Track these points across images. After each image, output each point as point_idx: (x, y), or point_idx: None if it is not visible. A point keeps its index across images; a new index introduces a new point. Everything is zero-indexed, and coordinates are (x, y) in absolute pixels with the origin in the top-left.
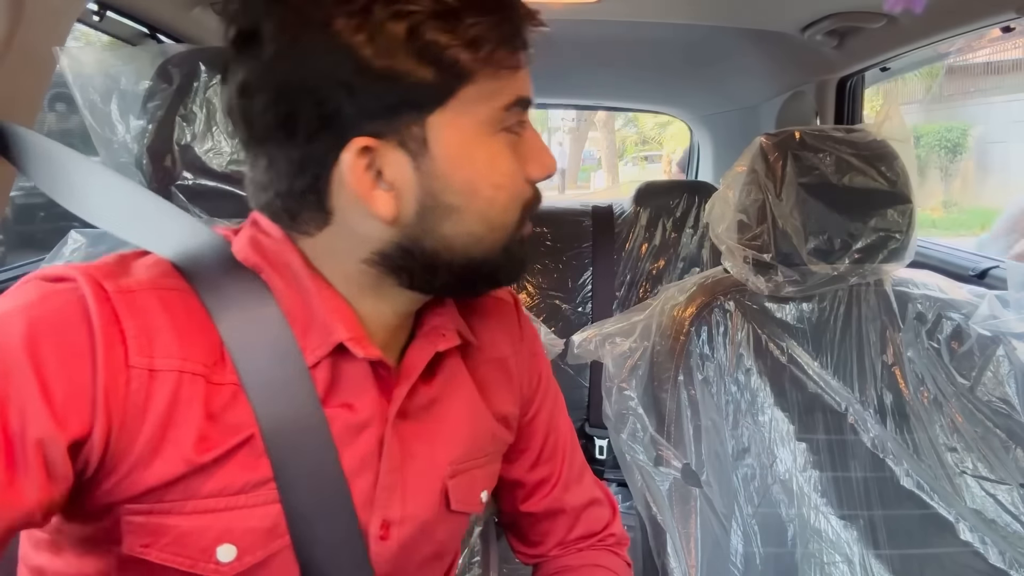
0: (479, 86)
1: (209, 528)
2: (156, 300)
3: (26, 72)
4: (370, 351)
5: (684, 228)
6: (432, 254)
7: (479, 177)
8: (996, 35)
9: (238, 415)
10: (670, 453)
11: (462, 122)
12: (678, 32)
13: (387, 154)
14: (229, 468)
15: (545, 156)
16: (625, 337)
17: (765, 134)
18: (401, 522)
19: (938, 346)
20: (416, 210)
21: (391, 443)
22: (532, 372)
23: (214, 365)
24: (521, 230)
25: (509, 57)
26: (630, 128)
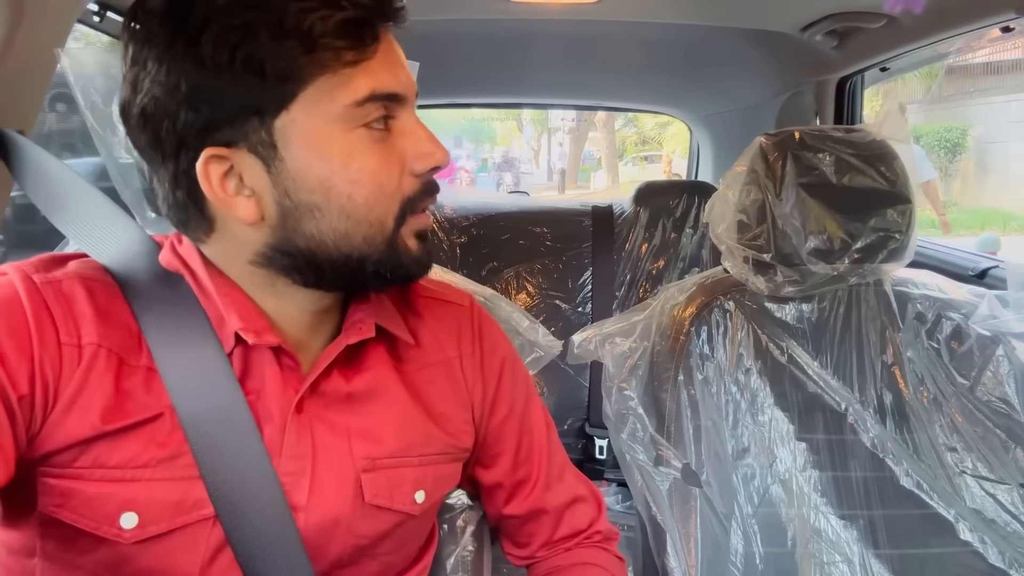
0: (319, 86)
1: (113, 496)
2: (81, 288)
3: (27, 73)
4: (264, 338)
5: (684, 228)
6: (308, 252)
7: (332, 175)
8: (996, 35)
9: (149, 395)
10: (670, 453)
11: (308, 123)
12: (678, 32)
13: (241, 160)
14: (135, 442)
15: (424, 146)
16: (625, 337)
17: (765, 134)
18: (308, 508)
19: (938, 346)
20: (278, 211)
21: (292, 430)
22: (490, 375)
23: (131, 350)
24: (404, 225)
25: (350, 54)
26: (630, 128)
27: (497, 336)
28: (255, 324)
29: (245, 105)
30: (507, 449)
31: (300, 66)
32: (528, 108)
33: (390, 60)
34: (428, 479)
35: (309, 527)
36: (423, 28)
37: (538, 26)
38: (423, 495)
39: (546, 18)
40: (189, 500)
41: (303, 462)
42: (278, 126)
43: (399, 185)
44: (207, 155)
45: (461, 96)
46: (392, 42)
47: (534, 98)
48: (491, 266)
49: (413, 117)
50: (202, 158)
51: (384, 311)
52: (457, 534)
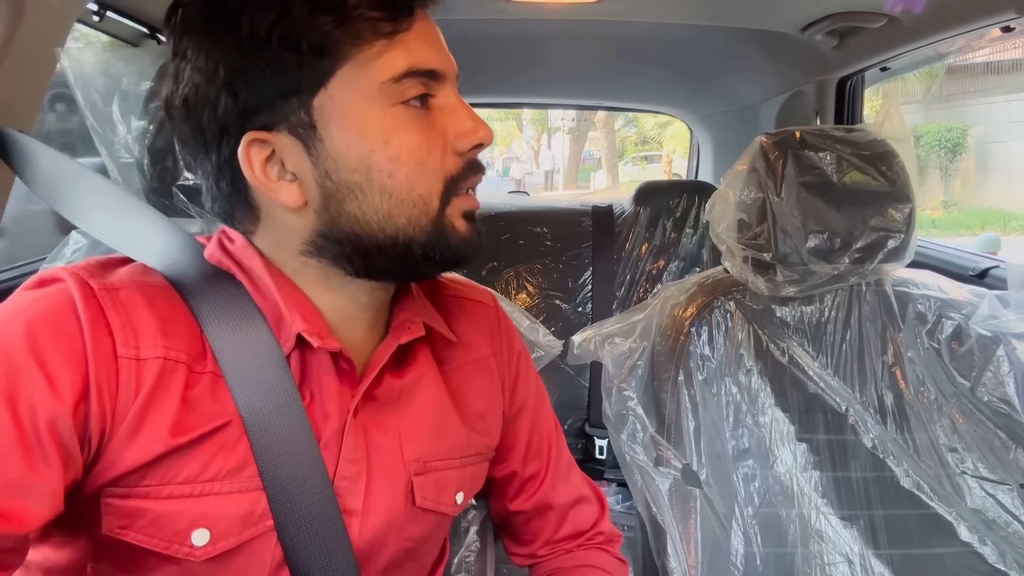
0: (356, 63)
1: (184, 512)
2: (140, 295)
3: (26, 72)
4: (328, 342)
5: (684, 228)
6: (354, 237)
7: (372, 153)
8: (996, 35)
9: (216, 403)
10: (670, 453)
11: (346, 101)
12: (678, 32)
13: (282, 143)
14: (204, 454)
15: (466, 123)
16: (625, 337)
17: (765, 133)
18: (364, 513)
19: (938, 346)
20: (320, 194)
21: (350, 434)
22: (511, 370)
23: (197, 356)
24: (448, 206)
25: (386, 25)
26: (630, 128)
27: (515, 333)
28: (318, 326)
29: (283, 85)
30: (519, 443)
31: (335, 40)
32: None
33: (428, 36)
34: (467, 480)
35: (364, 532)
36: None
37: (538, 26)
38: (462, 496)
39: (546, 18)
40: (256, 512)
41: (359, 466)
42: (316, 105)
43: (441, 163)
44: (248, 139)
45: (461, 96)
46: (429, 21)
47: (534, 98)
48: (491, 266)
49: (454, 94)
50: (243, 143)
51: (428, 310)
52: (461, 534)
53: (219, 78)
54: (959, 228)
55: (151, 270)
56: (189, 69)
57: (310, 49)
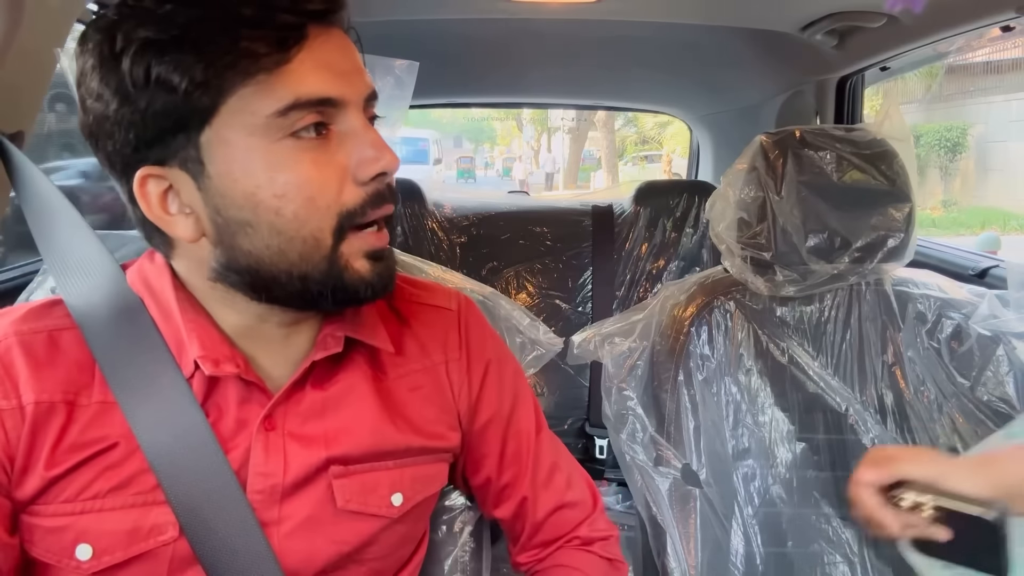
0: (240, 96)
1: (67, 529)
2: (17, 346)
3: (26, 73)
4: (222, 367)
5: (684, 228)
6: (251, 269)
7: (259, 190)
8: (996, 35)
9: (102, 428)
10: (670, 453)
11: (231, 136)
12: (678, 32)
13: (176, 178)
14: (85, 475)
15: (367, 151)
16: (624, 337)
17: (765, 133)
18: (281, 522)
19: (938, 346)
20: (213, 228)
21: (258, 449)
22: (475, 378)
23: (80, 389)
24: (343, 243)
25: (267, 58)
26: (630, 128)
27: (485, 338)
28: (215, 351)
29: (168, 122)
30: (492, 452)
31: (212, 78)
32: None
33: (324, 58)
34: (405, 481)
35: (285, 541)
36: (423, 28)
37: (538, 25)
38: (400, 497)
39: (546, 17)
40: (144, 527)
41: (273, 479)
42: (203, 141)
43: (337, 196)
44: (141, 175)
45: (461, 96)
46: (331, 38)
47: (534, 97)
48: (491, 266)
49: (358, 119)
50: (136, 179)
51: (361, 322)
52: (455, 535)
53: (111, 113)
54: (959, 227)
55: (49, 309)
56: (90, 100)
57: (187, 89)
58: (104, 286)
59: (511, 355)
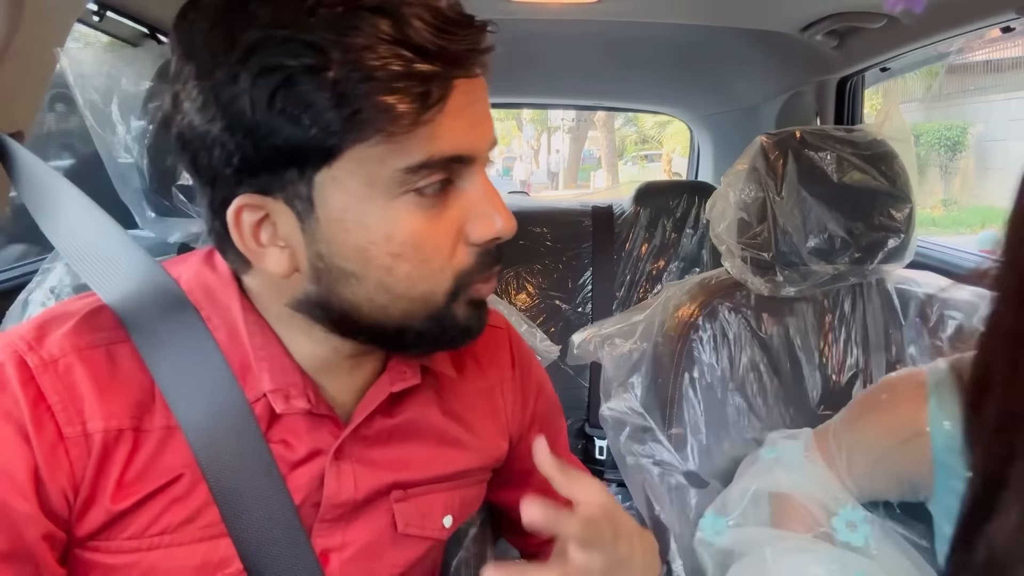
0: (368, 145)
1: (133, 566)
2: (79, 363)
3: (26, 73)
4: (293, 404)
5: (684, 228)
6: (343, 313)
7: (372, 244)
8: (996, 35)
9: (167, 457)
10: (671, 454)
11: (351, 184)
12: (678, 32)
13: (277, 210)
14: (152, 510)
15: (486, 209)
16: (625, 338)
17: (766, 133)
18: (343, 549)
19: (941, 344)
20: (311, 269)
21: (330, 479)
22: (528, 398)
23: (144, 412)
24: (457, 300)
25: (407, 117)
26: (630, 127)
27: (531, 356)
28: (286, 383)
29: (284, 154)
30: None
31: (344, 126)
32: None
33: (462, 114)
34: (456, 502)
35: (346, 566)
36: None
37: (538, 26)
38: (451, 519)
39: (546, 18)
40: (213, 560)
41: (342, 507)
42: (318, 181)
43: (450, 258)
44: (239, 204)
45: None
46: (472, 87)
47: (534, 98)
48: None
49: (480, 175)
50: (233, 206)
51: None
52: (460, 536)
53: (216, 127)
54: (959, 226)
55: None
56: (188, 103)
57: (316, 126)
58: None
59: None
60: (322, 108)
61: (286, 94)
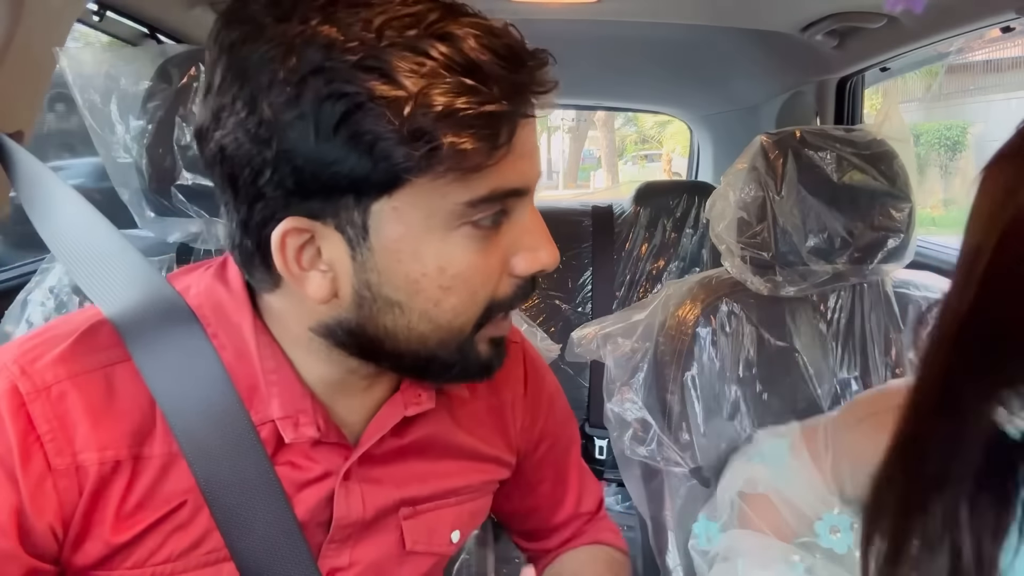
0: (432, 177)
1: None
2: (73, 390)
3: (26, 73)
4: (300, 432)
5: (684, 228)
6: (375, 340)
7: (424, 276)
8: (996, 35)
9: (168, 485)
10: (673, 454)
11: (411, 215)
12: (678, 32)
13: (326, 235)
14: (154, 539)
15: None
16: (626, 337)
17: (765, 133)
18: (348, 567)
19: None
20: (354, 298)
21: (340, 500)
22: (538, 413)
23: (143, 438)
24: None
25: (480, 154)
26: (630, 127)
27: (542, 369)
28: (296, 409)
29: (344, 182)
30: (547, 477)
31: (411, 160)
32: None
33: (522, 149)
34: (464, 517)
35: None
36: None
37: (538, 26)
38: (458, 534)
39: (546, 18)
40: None
41: (349, 527)
42: (375, 210)
43: (494, 288)
44: (287, 227)
45: None
46: (530, 123)
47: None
48: None
49: (530, 207)
50: (280, 228)
51: None
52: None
53: (269, 149)
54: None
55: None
56: (233, 119)
57: (383, 157)
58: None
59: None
60: (392, 141)
61: (354, 123)
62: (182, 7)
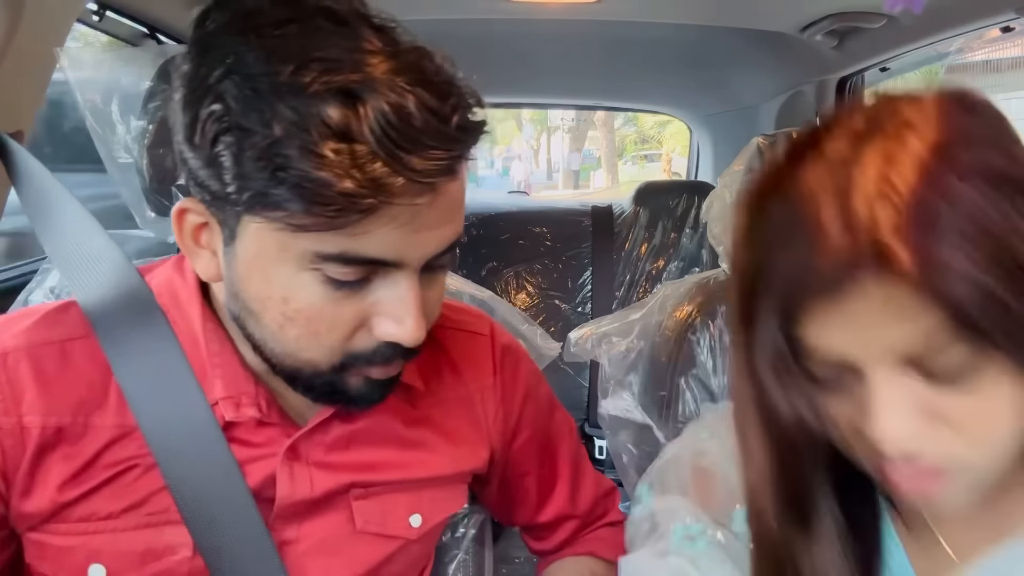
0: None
1: (79, 548)
2: (26, 359)
3: (26, 73)
4: (241, 412)
5: (684, 228)
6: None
7: (269, 299)
8: (996, 35)
9: (120, 452)
10: None
11: (267, 240)
12: (678, 32)
13: (213, 225)
14: (99, 497)
15: (400, 319)
16: (623, 337)
17: (762, 134)
18: (296, 541)
19: None
20: (228, 290)
21: (283, 479)
22: (512, 405)
23: (93, 410)
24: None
25: (327, 224)
26: (630, 127)
27: (518, 360)
28: (238, 391)
29: (218, 188)
30: (531, 469)
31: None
32: (529, 108)
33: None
34: (424, 502)
35: (302, 559)
36: (423, 28)
37: (538, 26)
38: (419, 519)
39: (546, 18)
40: (158, 547)
41: (296, 503)
42: (244, 220)
43: (346, 338)
44: (182, 205)
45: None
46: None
47: (534, 98)
48: (491, 266)
49: (406, 282)
50: (177, 205)
51: None
52: (459, 539)
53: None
54: None
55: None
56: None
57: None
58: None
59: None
60: (250, 170)
61: (227, 142)
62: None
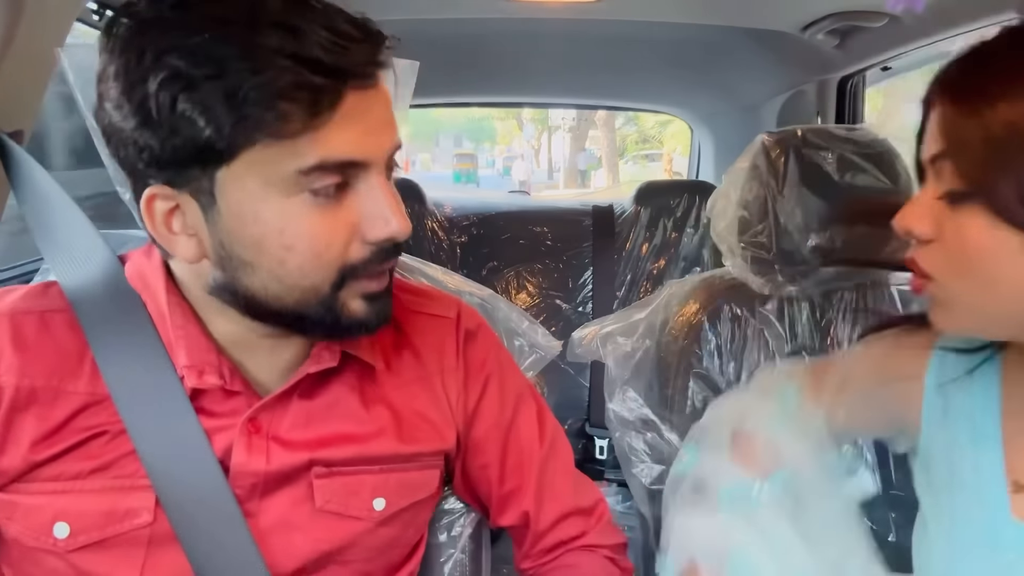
0: (264, 145)
1: (46, 507)
2: (8, 324)
3: (26, 73)
4: (204, 380)
5: (685, 228)
6: (248, 297)
7: (266, 237)
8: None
9: (91, 419)
10: (675, 453)
11: (249, 182)
12: (678, 31)
13: (185, 202)
14: (68, 460)
15: (381, 211)
16: (627, 337)
17: (767, 132)
18: (256, 515)
19: None
20: (215, 258)
21: (239, 449)
22: (472, 388)
23: (67, 376)
24: (343, 289)
25: (297, 122)
26: (630, 127)
27: (486, 346)
28: (201, 361)
29: (186, 152)
30: (492, 461)
31: (238, 130)
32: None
33: (355, 120)
34: (390, 486)
35: (263, 534)
36: (424, 27)
37: (538, 25)
38: (383, 502)
39: (546, 17)
40: (120, 509)
41: (254, 476)
42: (219, 177)
43: (343, 252)
44: (149, 193)
45: (461, 95)
46: (367, 98)
47: (534, 97)
48: (491, 266)
49: (378, 179)
50: (144, 195)
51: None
52: (454, 539)
53: (129, 124)
54: None
55: (47, 289)
56: (108, 102)
57: (214, 130)
58: (102, 276)
59: (513, 363)
60: (217, 112)
61: (187, 100)
62: None
